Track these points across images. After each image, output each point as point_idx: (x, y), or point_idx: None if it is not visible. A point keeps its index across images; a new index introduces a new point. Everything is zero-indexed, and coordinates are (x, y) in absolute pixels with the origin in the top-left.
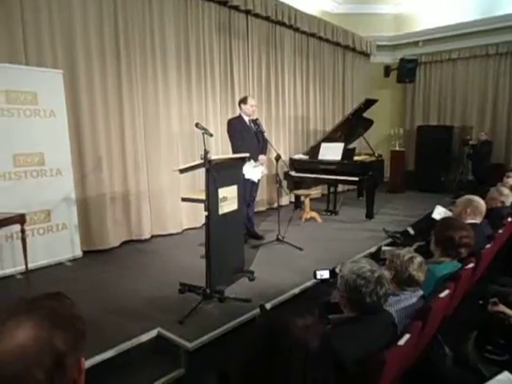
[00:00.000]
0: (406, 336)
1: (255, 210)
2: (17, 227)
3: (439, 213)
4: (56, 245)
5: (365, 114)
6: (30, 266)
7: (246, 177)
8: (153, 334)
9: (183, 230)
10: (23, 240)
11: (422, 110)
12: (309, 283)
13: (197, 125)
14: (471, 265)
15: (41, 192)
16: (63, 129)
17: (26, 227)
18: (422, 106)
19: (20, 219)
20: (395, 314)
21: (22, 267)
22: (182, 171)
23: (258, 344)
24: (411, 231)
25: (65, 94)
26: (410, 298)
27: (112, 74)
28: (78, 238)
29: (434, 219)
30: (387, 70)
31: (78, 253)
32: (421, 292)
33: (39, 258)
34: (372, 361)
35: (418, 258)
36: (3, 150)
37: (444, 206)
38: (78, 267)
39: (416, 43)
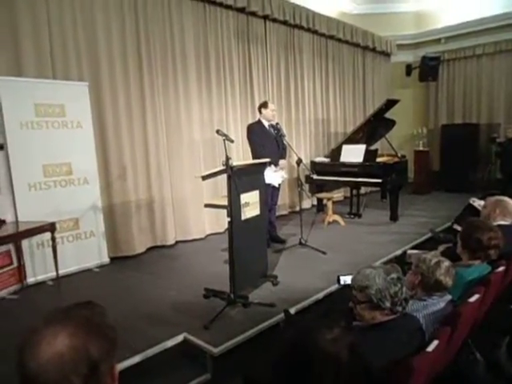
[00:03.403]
0: (435, 342)
1: (277, 214)
2: (47, 235)
3: (474, 201)
4: (84, 252)
5: (387, 114)
6: (61, 272)
7: (267, 182)
8: (179, 339)
9: (206, 236)
10: (54, 248)
11: (445, 109)
12: (333, 288)
13: (218, 131)
14: (502, 268)
15: (69, 201)
16: (89, 139)
17: (56, 235)
18: (445, 104)
19: (50, 227)
20: (422, 319)
21: (52, 274)
22: (204, 178)
23: (287, 357)
24: (458, 227)
25: (90, 106)
26: (438, 303)
27: (135, 84)
28: (105, 245)
29: (474, 208)
30: (409, 68)
31: (106, 259)
32: (449, 297)
33: (69, 265)
34: (400, 367)
35: (446, 263)
36: (34, 161)
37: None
38: (105, 273)
39: (438, 40)
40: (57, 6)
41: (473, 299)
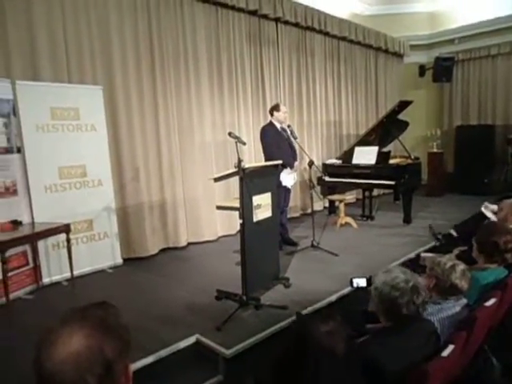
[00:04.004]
0: (450, 347)
1: (288, 216)
2: (63, 236)
3: (486, 206)
4: (98, 253)
5: (400, 116)
6: (75, 273)
7: (283, 184)
8: (191, 340)
9: (218, 238)
10: (68, 248)
11: (460, 110)
12: (345, 290)
13: (230, 134)
14: None
15: (84, 202)
16: (103, 142)
17: (71, 236)
18: (460, 105)
19: (65, 229)
20: (437, 323)
21: (67, 274)
22: (216, 180)
23: (287, 351)
24: (454, 233)
25: (104, 109)
26: (453, 306)
27: (147, 87)
28: (118, 246)
29: (484, 217)
30: (422, 69)
31: (119, 260)
32: (464, 301)
33: (83, 266)
34: (415, 372)
35: (461, 266)
36: (50, 163)
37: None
38: (118, 274)
39: (452, 41)
40: (72, 11)
41: (489, 303)
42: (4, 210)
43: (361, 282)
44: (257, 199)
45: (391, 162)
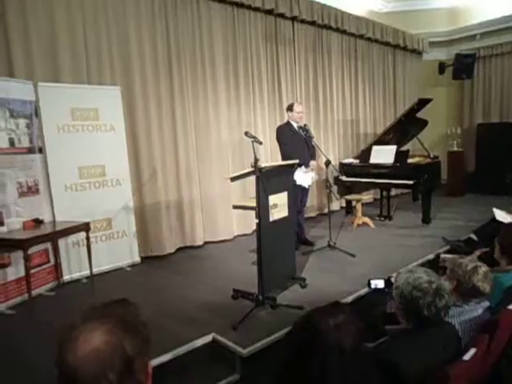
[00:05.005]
0: (472, 350)
1: (305, 215)
2: (82, 234)
3: (500, 215)
4: (117, 251)
5: (419, 114)
6: (94, 270)
7: (298, 183)
8: (208, 338)
9: (234, 237)
10: (88, 247)
11: (481, 107)
12: (362, 291)
13: (246, 133)
14: None
15: (103, 201)
16: (122, 142)
17: (91, 234)
18: (481, 102)
19: (85, 227)
20: (459, 326)
21: (86, 272)
22: (232, 179)
23: (293, 344)
24: (475, 238)
25: (122, 109)
26: (475, 309)
27: (165, 87)
28: (136, 245)
29: (499, 222)
30: (442, 66)
31: (137, 259)
32: (487, 303)
33: (102, 264)
34: (436, 375)
35: (483, 268)
36: (70, 163)
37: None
38: (136, 273)
39: (473, 37)
40: (91, 15)
41: None
42: (26, 209)
43: (379, 284)
44: (273, 199)
45: (410, 161)
